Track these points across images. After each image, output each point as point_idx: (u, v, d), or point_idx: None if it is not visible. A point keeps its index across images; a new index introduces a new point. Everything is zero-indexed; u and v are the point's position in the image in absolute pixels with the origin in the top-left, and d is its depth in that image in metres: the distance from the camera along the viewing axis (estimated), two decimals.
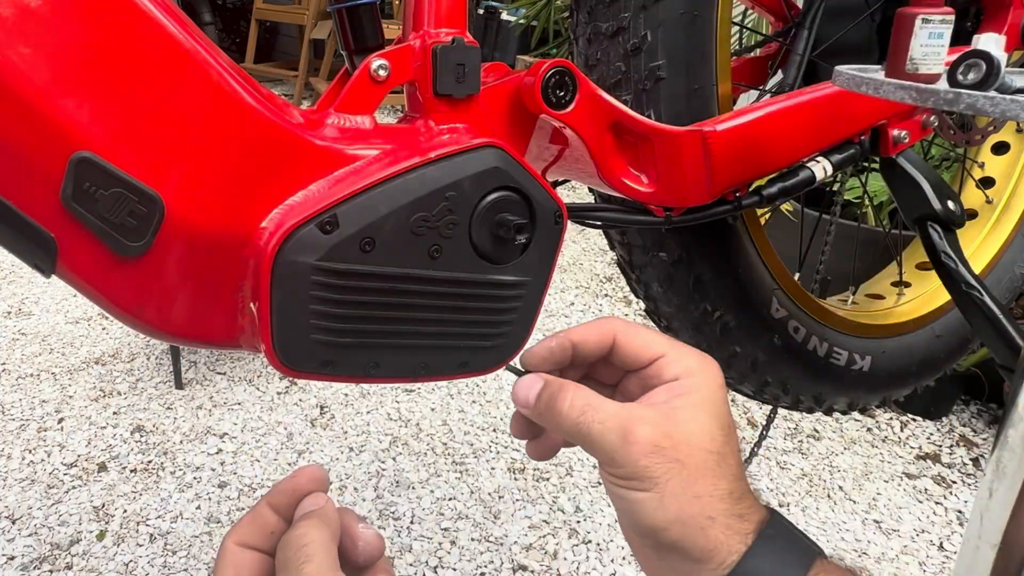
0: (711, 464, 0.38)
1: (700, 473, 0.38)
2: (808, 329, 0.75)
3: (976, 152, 1.04)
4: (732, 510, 0.38)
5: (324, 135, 0.43)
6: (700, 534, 0.37)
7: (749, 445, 1.49)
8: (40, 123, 0.34)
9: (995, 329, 0.62)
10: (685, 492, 0.38)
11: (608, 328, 0.43)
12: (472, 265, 0.45)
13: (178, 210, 0.38)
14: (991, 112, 0.40)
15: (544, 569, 1.16)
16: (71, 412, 1.47)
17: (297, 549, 0.36)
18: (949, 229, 0.67)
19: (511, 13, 3.58)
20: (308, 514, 0.38)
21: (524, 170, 0.46)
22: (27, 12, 0.33)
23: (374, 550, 0.40)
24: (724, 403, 0.41)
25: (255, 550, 0.39)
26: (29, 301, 1.88)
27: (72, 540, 1.16)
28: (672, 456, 0.38)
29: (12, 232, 0.36)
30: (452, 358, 0.48)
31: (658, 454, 0.38)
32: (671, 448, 0.38)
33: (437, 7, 0.45)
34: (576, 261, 2.38)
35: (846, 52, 0.76)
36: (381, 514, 1.25)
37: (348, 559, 0.39)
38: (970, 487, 1.43)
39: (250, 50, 4.07)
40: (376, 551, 0.40)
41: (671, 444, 0.38)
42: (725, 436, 0.40)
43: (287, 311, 0.41)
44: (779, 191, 0.61)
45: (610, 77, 0.62)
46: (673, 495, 0.38)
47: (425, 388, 1.60)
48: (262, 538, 0.39)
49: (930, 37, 0.45)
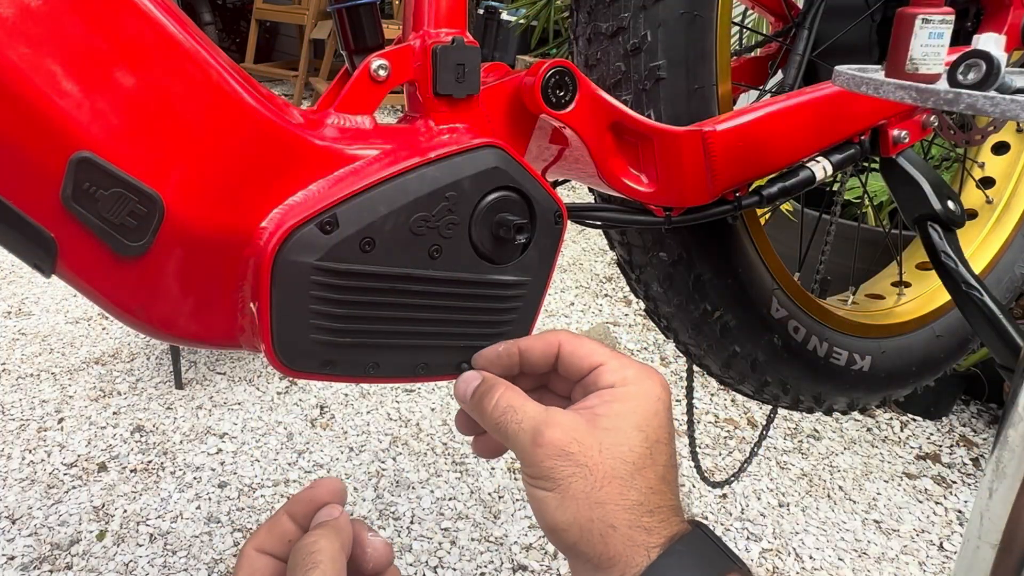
0: (622, 474, 0.39)
1: (607, 481, 0.38)
2: (808, 329, 0.75)
3: (976, 152, 1.04)
4: (637, 522, 0.38)
5: (324, 135, 0.43)
6: (599, 540, 0.38)
7: (749, 445, 1.49)
8: (40, 123, 0.34)
9: (995, 329, 0.62)
10: (587, 497, 0.38)
11: (553, 338, 0.44)
12: (472, 265, 0.45)
13: (178, 210, 0.38)
14: (991, 112, 0.40)
15: (544, 569, 1.16)
16: (71, 412, 1.47)
17: (305, 556, 0.37)
18: (949, 229, 0.67)
19: (511, 13, 3.58)
20: (321, 524, 0.40)
21: (524, 170, 0.46)
22: (27, 12, 0.33)
23: (382, 557, 0.41)
24: (657, 417, 0.41)
25: (272, 556, 0.41)
26: (29, 301, 1.88)
27: (72, 540, 1.16)
28: (579, 461, 0.38)
29: (12, 232, 0.36)
30: (452, 358, 0.48)
31: (564, 458, 0.39)
32: (579, 453, 0.39)
33: (437, 7, 0.45)
34: (576, 261, 2.38)
35: (846, 52, 0.76)
36: (381, 514, 1.25)
37: (358, 568, 0.41)
38: (970, 487, 1.43)
39: (250, 50, 4.07)
40: (385, 559, 0.42)
41: (579, 449, 0.39)
42: (647, 448, 0.40)
43: (287, 311, 0.41)
44: (779, 191, 0.61)
45: (610, 77, 0.62)
46: (574, 498, 0.38)
47: (425, 388, 1.60)
48: (279, 545, 0.41)
49: (930, 37, 0.45)
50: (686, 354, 0.79)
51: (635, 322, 2.00)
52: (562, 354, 0.44)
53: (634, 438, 0.39)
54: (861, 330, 0.81)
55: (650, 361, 1.82)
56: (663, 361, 1.83)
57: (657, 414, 0.41)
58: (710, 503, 1.33)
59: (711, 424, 1.57)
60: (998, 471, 0.40)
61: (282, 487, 1.30)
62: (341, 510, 0.41)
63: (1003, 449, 0.40)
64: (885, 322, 0.85)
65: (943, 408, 1.64)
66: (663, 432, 0.41)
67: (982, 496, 0.41)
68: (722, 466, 1.44)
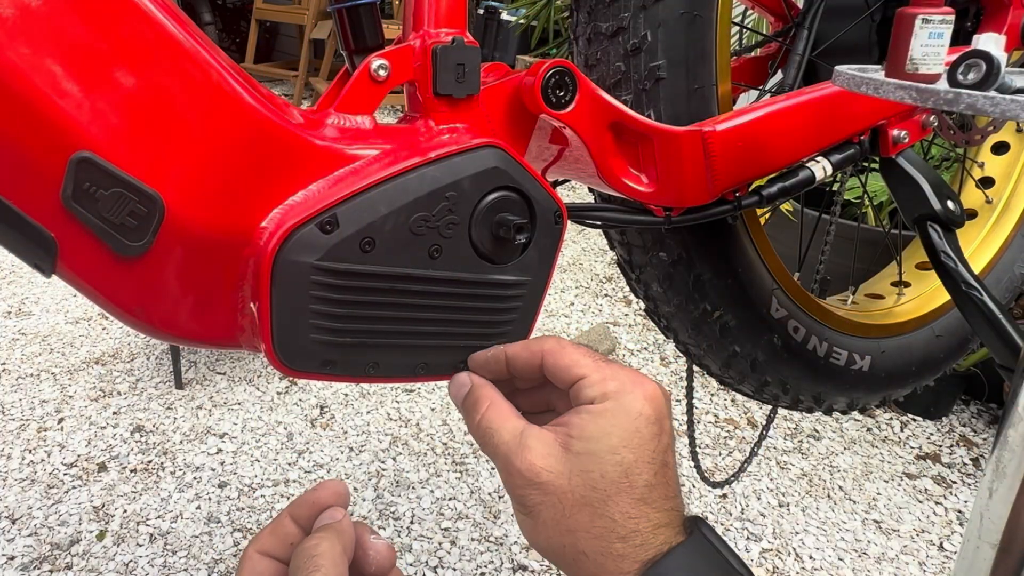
0: (593, 501, 0.38)
1: (577, 508, 0.38)
2: (808, 329, 0.75)
3: (976, 152, 1.04)
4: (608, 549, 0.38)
5: (324, 135, 0.43)
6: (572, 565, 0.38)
7: (749, 445, 1.49)
8: (40, 123, 0.34)
9: (995, 329, 0.62)
10: (557, 525, 0.38)
11: (538, 348, 0.44)
12: (472, 265, 0.45)
13: (178, 210, 0.38)
14: (991, 112, 0.40)
15: (544, 569, 1.16)
16: (71, 412, 1.47)
17: (307, 559, 0.37)
18: (949, 229, 0.67)
19: (511, 13, 3.58)
20: (323, 526, 0.40)
21: (524, 170, 0.46)
22: (27, 12, 0.33)
23: (385, 560, 0.41)
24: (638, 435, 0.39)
25: (274, 559, 0.41)
26: (29, 301, 1.88)
27: (72, 540, 1.16)
28: (548, 489, 0.38)
29: (12, 232, 0.36)
30: (452, 358, 0.48)
31: (534, 487, 0.39)
32: (549, 482, 0.38)
33: (437, 7, 0.45)
34: (576, 261, 2.38)
35: (846, 52, 0.76)
36: (381, 514, 1.25)
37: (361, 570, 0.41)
38: (970, 487, 1.43)
39: (250, 50, 4.07)
40: (388, 562, 0.41)
41: (550, 478, 0.38)
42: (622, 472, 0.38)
43: (287, 311, 0.41)
44: (779, 191, 0.61)
45: (610, 77, 0.62)
46: (545, 525, 0.38)
47: (425, 388, 1.60)
48: (282, 548, 0.41)
49: (930, 37, 0.45)
50: (686, 354, 0.79)
51: (635, 322, 2.00)
52: (545, 365, 0.43)
53: (607, 463, 0.38)
54: (861, 330, 0.81)
55: (650, 361, 1.82)
56: (663, 361, 1.83)
57: (638, 432, 0.39)
58: (710, 503, 1.33)
59: (711, 424, 1.57)
60: (998, 471, 0.40)
61: (282, 487, 1.30)
62: (344, 513, 0.41)
63: (1003, 449, 0.40)
64: (885, 322, 0.85)
65: (943, 408, 1.64)
66: (644, 451, 0.39)
67: (982, 496, 0.41)
68: (722, 466, 1.44)
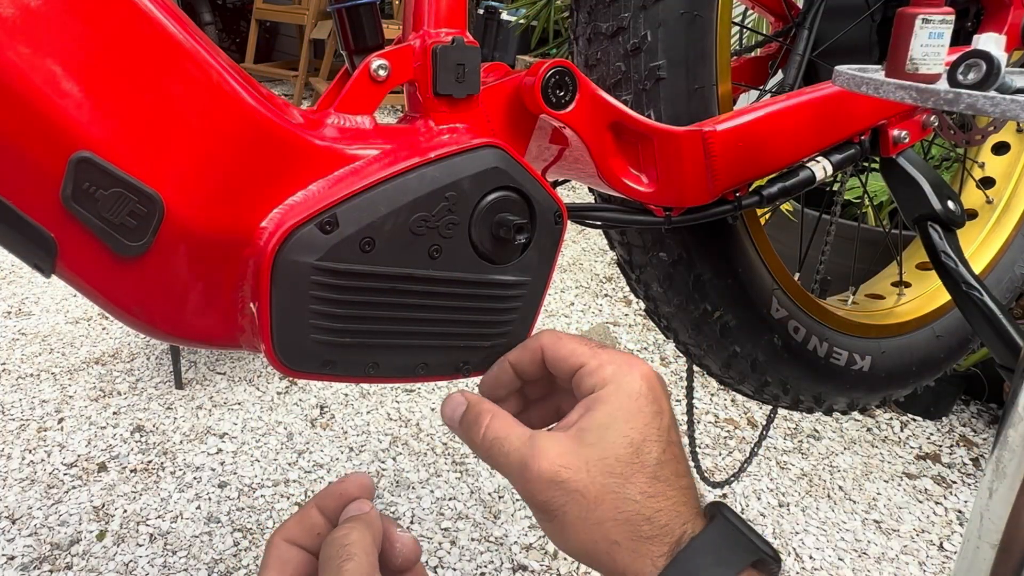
0: (614, 487, 0.38)
1: (601, 499, 0.38)
2: (808, 329, 0.75)
3: (976, 152, 1.04)
4: (637, 532, 0.38)
5: (324, 135, 0.43)
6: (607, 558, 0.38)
7: (749, 445, 1.49)
8: (40, 123, 0.34)
9: (995, 329, 0.62)
10: (585, 521, 0.38)
11: (536, 345, 0.44)
12: (472, 265, 0.45)
13: (178, 210, 0.38)
14: (991, 112, 0.40)
15: (544, 569, 1.16)
16: (71, 412, 1.47)
17: (340, 548, 0.37)
18: (949, 229, 0.67)
19: (511, 13, 3.58)
20: (352, 517, 0.40)
21: (524, 170, 0.46)
22: (27, 12, 0.33)
23: (411, 553, 0.42)
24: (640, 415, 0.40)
25: (301, 548, 0.41)
26: (29, 301, 1.88)
27: (72, 540, 1.16)
28: (571, 487, 0.38)
29: (12, 232, 0.35)
30: (452, 358, 0.48)
31: (555, 488, 0.38)
32: (569, 479, 0.38)
33: (437, 7, 0.45)
34: (576, 261, 2.38)
35: (846, 52, 0.76)
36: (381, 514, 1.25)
37: (387, 563, 0.41)
38: (970, 487, 1.43)
39: (250, 50, 4.07)
40: (414, 555, 0.42)
41: (569, 475, 0.38)
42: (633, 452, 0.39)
43: (287, 311, 0.41)
44: (779, 191, 0.61)
45: (610, 77, 0.62)
46: (573, 525, 0.38)
47: (425, 388, 1.60)
48: (308, 537, 0.41)
49: (930, 37, 0.45)
50: (686, 354, 0.79)
51: (635, 322, 2.00)
52: (546, 359, 0.44)
53: (619, 445, 0.39)
54: (861, 330, 0.81)
55: (650, 361, 1.82)
56: (663, 361, 1.83)
57: (640, 411, 0.40)
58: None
59: (711, 424, 1.57)
60: (998, 471, 0.40)
61: (282, 487, 1.30)
62: (371, 505, 0.41)
63: (1003, 449, 0.40)
64: (885, 322, 0.85)
65: (943, 408, 1.64)
66: (650, 429, 0.40)
67: (982, 496, 0.41)
68: (722, 466, 1.44)
